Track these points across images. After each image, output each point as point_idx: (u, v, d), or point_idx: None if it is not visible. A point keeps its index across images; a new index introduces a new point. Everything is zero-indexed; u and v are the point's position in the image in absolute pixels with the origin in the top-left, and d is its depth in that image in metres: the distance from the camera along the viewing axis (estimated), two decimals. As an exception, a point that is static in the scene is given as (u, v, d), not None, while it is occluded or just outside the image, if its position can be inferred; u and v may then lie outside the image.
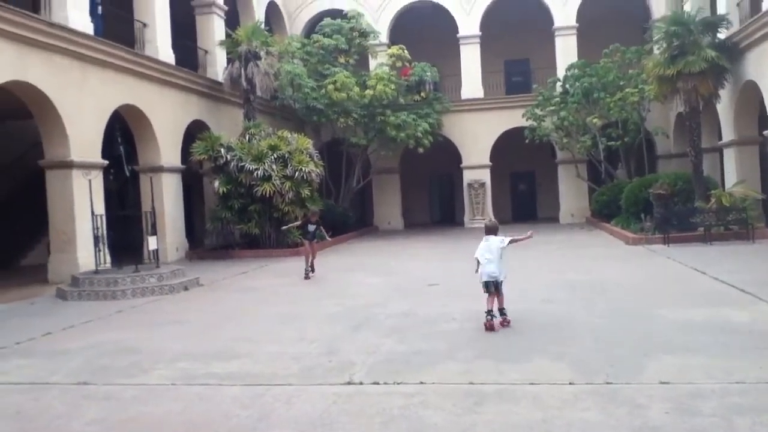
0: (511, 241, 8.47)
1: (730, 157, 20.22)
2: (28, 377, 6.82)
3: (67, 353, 7.82)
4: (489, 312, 8.07)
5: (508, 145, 28.02)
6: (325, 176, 23.32)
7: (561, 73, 26.78)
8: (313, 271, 14.01)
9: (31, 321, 10.24)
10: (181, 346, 7.90)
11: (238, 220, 19.17)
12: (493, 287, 8.16)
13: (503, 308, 8.30)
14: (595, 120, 24.53)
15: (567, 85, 25.94)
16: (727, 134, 20.19)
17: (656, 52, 21.00)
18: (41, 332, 9.14)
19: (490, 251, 8.25)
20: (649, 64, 20.20)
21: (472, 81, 28.49)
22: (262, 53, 21.33)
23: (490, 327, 7.98)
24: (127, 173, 14.51)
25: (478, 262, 8.33)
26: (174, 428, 5.17)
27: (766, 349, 6.52)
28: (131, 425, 5.28)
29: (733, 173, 19.76)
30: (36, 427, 5.33)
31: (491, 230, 8.53)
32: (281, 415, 5.32)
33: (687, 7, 21.66)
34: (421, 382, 5.95)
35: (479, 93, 28.60)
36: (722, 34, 19.18)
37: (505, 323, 8.18)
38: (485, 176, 28.43)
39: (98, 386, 6.37)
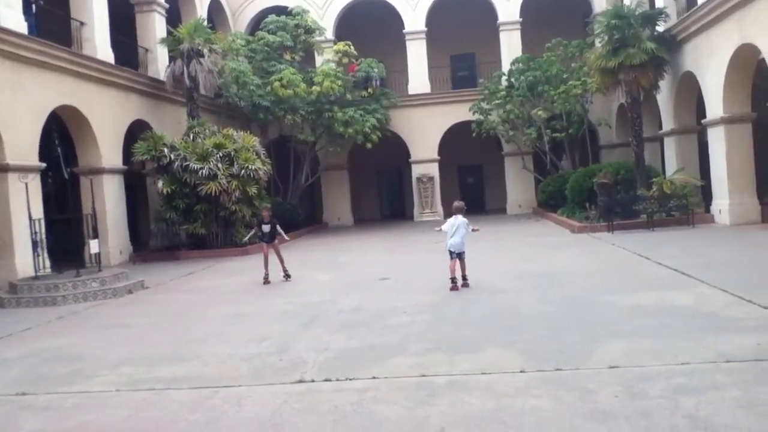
0: (473, 230, 10.61)
1: (670, 145, 20.78)
2: (-38, 390, 6.49)
3: (4, 363, 7.50)
4: (453, 279, 10.15)
5: (455, 139, 28.23)
6: (273, 174, 23.04)
7: (506, 67, 27.16)
8: (288, 276, 12.71)
9: (-34, 331, 9.78)
10: (125, 351, 7.65)
11: (183, 221, 18.77)
12: (455, 256, 10.22)
13: (465, 274, 10.32)
14: (539, 113, 24.89)
15: (512, 79, 26.30)
16: (667, 124, 20.74)
17: (598, 45, 21.43)
18: (-24, 342, 8.75)
19: (457, 227, 10.29)
20: (591, 56, 20.62)
21: (418, 76, 28.58)
22: (205, 51, 20.90)
23: (454, 288, 10.05)
24: (66, 175, 14.07)
25: (446, 233, 10.42)
26: (118, 436, 4.99)
27: (709, 330, 6.68)
28: (72, 435, 5.07)
29: (674, 161, 20.32)
30: (-31, 441, 5.08)
31: (459, 210, 10.50)
32: (231, 417, 5.18)
33: (627, 1, 22.16)
34: (374, 377, 5.89)
35: (426, 88, 28.72)
36: (661, 27, 19.69)
37: (465, 285, 10.19)
38: (434, 170, 28.60)
39: (37, 396, 6.10)
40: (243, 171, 18.59)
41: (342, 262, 15.55)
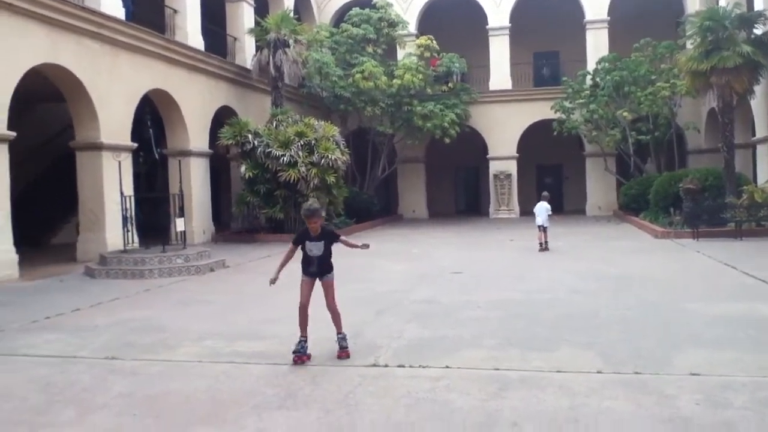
0: (550, 215, 15.60)
1: (763, 153, 19.84)
2: (57, 351, 6.91)
3: (94, 329, 7.93)
4: (540, 244, 15.11)
5: (535, 137, 27.82)
6: (351, 164, 23.34)
7: (591, 66, 26.54)
8: (344, 345, 6.47)
9: (60, 297, 10.38)
10: (207, 325, 7.95)
11: (263, 205, 19.31)
12: (541, 229, 15.17)
13: (547, 241, 15.19)
14: (625, 114, 24.25)
15: (597, 79, 25.67)
16: (761, 130, 19.80)
17: (689, 46, 20.67)
18: (70, 308, 9.27)
19: (541, 209, 15.39)
20: (682, 58, 19.93)
21: (500, 72, 28.30)
22: (291, 41, 21.37)
23: (540, 250, 14.94)
24: (156, 156, 14.65)
25: (536, 214, 15.56)
26: (200, 404, 5.19)
27: (800, 345, 6.39)
28: (157, 400, 5.30)
29: (766, 170, 19.39)
30: (64, 398, 5.39)
31: (545, 198, 15.80)
32: (307, 394, 5.31)
33: (722, 2, 21.27)
34: (447, 366, 5.92)
35: (507, 84, 28.41)
36: (759, 30, 18.78)
37: (546, 249, 14.99)
38: (512, 167, 28.29)
39: (125, 361, 6.43)
40: (322, 160, 18.93)
41: (415, 253, 15.62)
